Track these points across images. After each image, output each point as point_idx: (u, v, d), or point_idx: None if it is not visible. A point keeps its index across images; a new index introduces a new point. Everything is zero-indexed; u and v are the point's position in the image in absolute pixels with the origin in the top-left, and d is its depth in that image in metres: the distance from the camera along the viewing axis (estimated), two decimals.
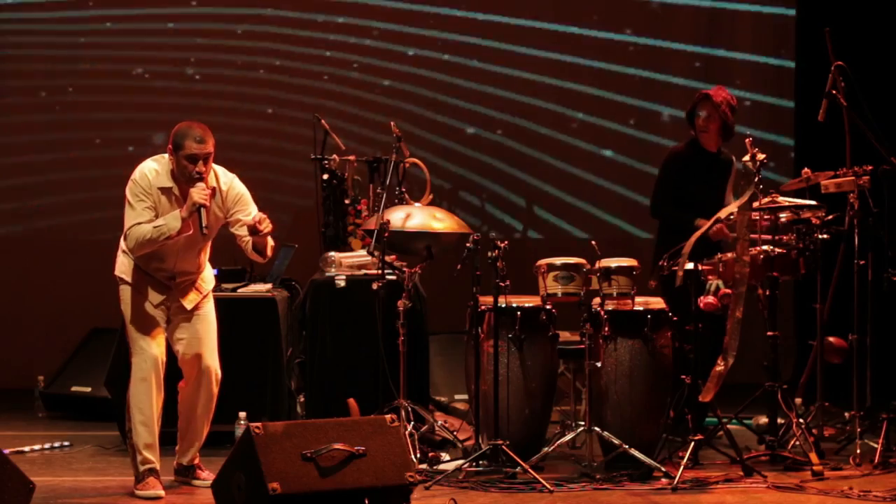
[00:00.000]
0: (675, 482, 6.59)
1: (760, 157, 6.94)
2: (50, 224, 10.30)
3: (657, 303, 7.30)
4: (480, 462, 6.87)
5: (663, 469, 6.78)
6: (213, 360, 6.64)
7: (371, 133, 9.86)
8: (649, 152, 10.37)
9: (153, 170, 6.46)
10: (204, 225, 6.32)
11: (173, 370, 6.70)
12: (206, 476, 6.66)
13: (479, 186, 10.58)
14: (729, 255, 7.20)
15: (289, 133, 10.21)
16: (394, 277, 7.50)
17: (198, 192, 6.31)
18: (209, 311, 6.68)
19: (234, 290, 7.94)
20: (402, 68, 10.53)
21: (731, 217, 7.12)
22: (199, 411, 6.67)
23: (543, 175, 10.66)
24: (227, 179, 6.55)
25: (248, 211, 6.53)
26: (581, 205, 10.60)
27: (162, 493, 6.46)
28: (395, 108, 9.99)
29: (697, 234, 7.06)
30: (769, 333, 7.23)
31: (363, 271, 7.88)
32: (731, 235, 7.44)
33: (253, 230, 6.41)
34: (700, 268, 7.14)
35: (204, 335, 6.62)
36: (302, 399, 8.04)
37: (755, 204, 7.02)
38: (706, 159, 7.94)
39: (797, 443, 7.10)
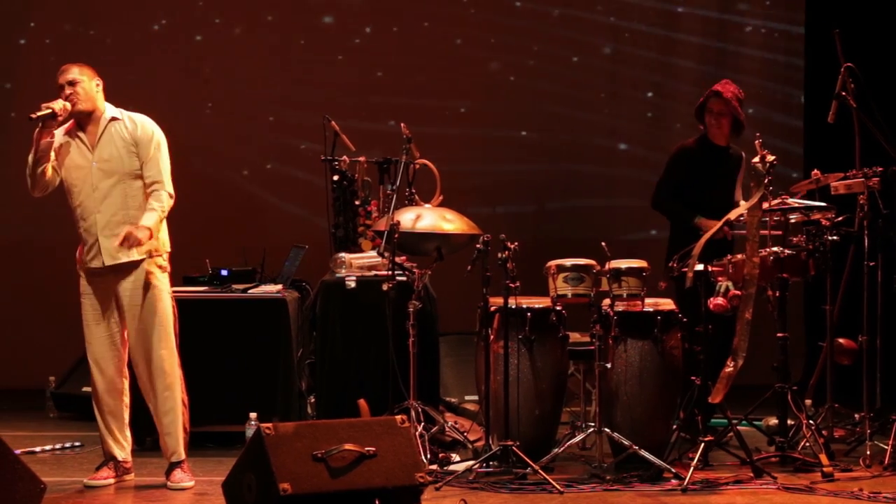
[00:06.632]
0: (686, 483, 6.59)
1: (770, 158, 6.94)
2: (59, 225, 10.27)
3: (667, 304, 7.30)
4: (491, 463, 6.88)
5: (673, 470, 6.78)
6: (157, 353, 6.71)
7: (381, 134, 9.85)
8: (663, 151, 10.34)
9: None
10: (35, 116, 6.56)
11: None
12: (178, 479, 6.68)
13: (490, 187, 10.57)
14: (739, 256, 7.21)
15: (298, 134, 10.21)
16: (404, 278, 7.50)
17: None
18: (149, 302, 6.72)
19: (245, 290, 7.96)
20: (412, 67, 10.54)
21: (741, 219, 7.12)
22: (152, 404, 6.77)
23: (554, 175, 10.64)
24: (139, 123, 6.77)
25: (149, 170, 6.67)
26: (592, 205, 10.59)
27: (105, 482, 6.70)
28: (405, 109, 9.98)
29: (707, 235, 7.06)
30: (779, 335, 7.23)
31: (373, 272, 7.88)
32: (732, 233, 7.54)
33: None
34: (710, 269, 7.14)
35: (145, 329, 6.72)
36: (312, 400, 8.06)
37: (765, 205, 7.02)
38: (715, 154, 7.95)
39: (807, 444, 7.11)
